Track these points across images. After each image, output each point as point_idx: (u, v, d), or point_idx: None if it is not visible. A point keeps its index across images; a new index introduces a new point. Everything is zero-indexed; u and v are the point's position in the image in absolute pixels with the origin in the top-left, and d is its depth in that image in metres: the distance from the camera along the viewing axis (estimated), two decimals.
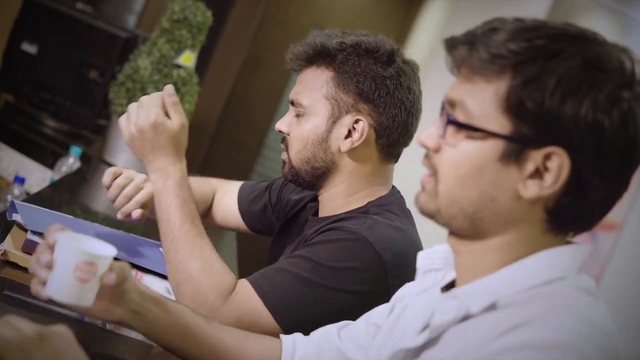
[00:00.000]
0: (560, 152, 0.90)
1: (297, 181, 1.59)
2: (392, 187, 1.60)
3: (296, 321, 1.38)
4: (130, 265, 1.52)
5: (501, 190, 0.93)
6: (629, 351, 4.02)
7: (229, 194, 1.86)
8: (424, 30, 5.42)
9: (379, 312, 1.24)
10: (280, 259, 1.55)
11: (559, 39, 0.91)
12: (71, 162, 2.64)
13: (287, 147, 1.59)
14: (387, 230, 1.46)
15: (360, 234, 1.43)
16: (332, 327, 1.31)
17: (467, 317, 0.94)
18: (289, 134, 1.58)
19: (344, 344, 1.27)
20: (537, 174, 0.91)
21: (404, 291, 1.21)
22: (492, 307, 0.92)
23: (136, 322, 1.21)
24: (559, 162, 0.90)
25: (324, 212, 1.59)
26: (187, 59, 2.95)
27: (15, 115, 3.20)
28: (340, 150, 1.53)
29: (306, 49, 1.56)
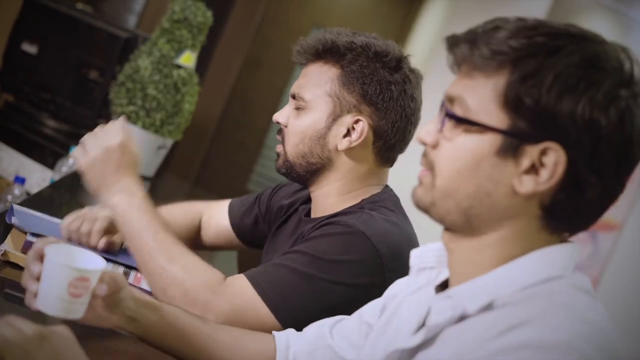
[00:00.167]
0: (556, 148, 0.90)
1: (290, 175, 1.59)
2: (386, 186, 1.61)
3: (293, 313, 1.38)
4: (130, 267, 1.53)
5: (497, 185, 0.93)
6: (629, 351, 4.02)
7: (218, 213, 1.85)
8: (424, 30, 5.42)
9: (371, 310, 1.24)
10: (275, 257, 1.55)
11: (559, 37, 0.92)
12: (71, 163, 2.64)
13: (283, 140, 1.59)
14: (383, 224, 1.47)
15: (356, 228, 1.43)
16: (325, 324, 1.31)
17: (463, 317, 0.94)
18: (286, 125, 1.58)
19: (336, 342, 1.27)
20: (533, 170, 0.92)
21: (396, 289, 1.20)
22: (489, 306, 0.92)
23: (132, 328, 1.22)
24: (555, 158, 0.90)
25: (317, 211, 1.59)
26: (188, 59, 2.95)
27: (15, 115, 3.20)
28: (337, 148, 1.54)
29: (316, 43, 1.56)
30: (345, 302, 1.39)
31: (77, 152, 1.48)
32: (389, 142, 1.55)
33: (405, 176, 1.80)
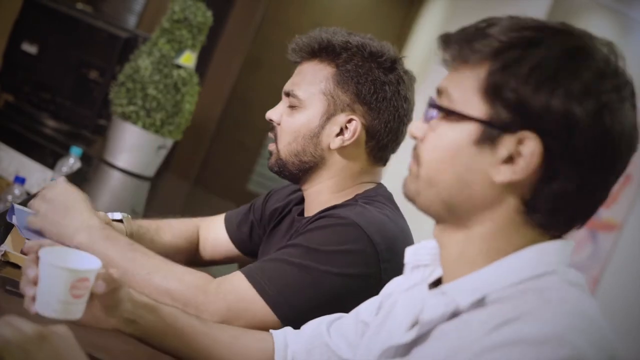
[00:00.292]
0: (532, 138, 0.91)
1: (282, 173, 1.60)
2: (379, 183, 1.61)
3: (290, 306, 1.38)
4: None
5: (475, 174, 0.94)
6: (629, 351, 4.03)
7: (215, 226, 1.84)
8: (424, 30, 5.42)
9: (367, 308, 1.25)
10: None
11: (542, 30, 0.93)
12: (71, 163, 2.64)
13: (275, 138, 1.60)
14: (378, 215, 1.47)
15: (351, 219, 1.44)
16: (323, 322, 1.31)
17: (456, 314, 0.94)
18: (279, 123, 1.59)
19: (333, 340, 1.28)
20: (510, 160, 0.92)
21: (392, 287, 1.21)
22: (482, 302, 0.92)
23: (131, 330, 1.22)
24: (532, 148, 0.91)
25: (310, 210, 1.60)
26: (188, 59, 2.95)
27: (15, 115, 3.20)
28: (330, 147, 1.55)
29: (311, 42, 1.57)
30: (342, 293, 1.40)
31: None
32: (381, 142, 1.56)
33: (403, 175, 1.80)
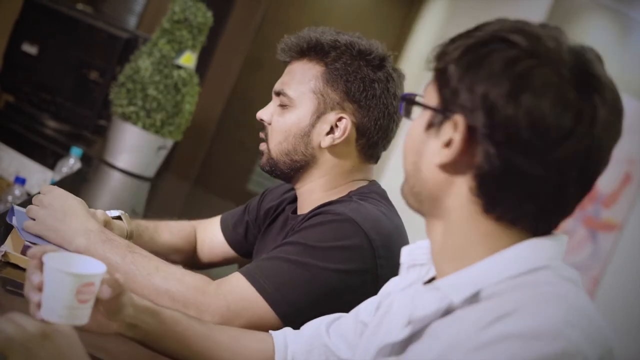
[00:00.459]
0: (459, 120, 0.94)
1: (274, 172, 1.61)
2: (372, 180, 1.62)
3: (290, 303, 1.39)
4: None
5: (423, 159, 0.99)
6: (629, 350, 4.02)
7: (211, 228, 1.85)
8: (424, 30, 5.42)
9: (366, 308, 1.26)
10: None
11: (486, 24, 0.97)
12: (72, 163, 2.64)
13: (266, 137, 1.61)
14: (373, 211, 1.48)
15: (346, 215, 1.44)
16: (322, 322, 1.32)
17: (450, 310, 0.95)
18: (270, 123, 1.60)
19: (333, 341, 1.28)
20: (449, 144, 0.96)
21: (390, 287, 1.22)
22: (476, 298, 0.93)
23: (133, 334, 1.23)
24: (461, 130, 0.94)
25: (302, 208, 1.60)
26: (188, 60, 2.95)
27: (15, 115, 3.20)
28: (320, 145, 1.56)
29: (300, 41, 1.59)
30: (340, 289, 1.40)
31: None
32: (371, 140, 1.57)
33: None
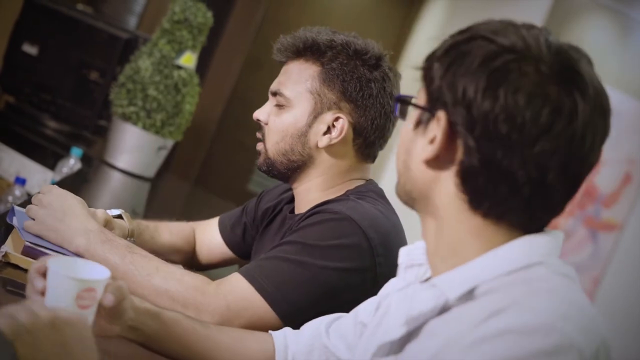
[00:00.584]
0: (441, 116, 0.95)
1: (271, 172, 1.61)
2: (369, 180, 1.62)
3: (289, 303, 1.39)
4: None
5: (412, 158, 1.00)
6: (629, 350, 4.02)
7: (210, 229, 1.85)
8: (424, 30, 5.42)
9: (366, 308, 1.26)
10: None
11: (473, 25, 0.98)
12: (72, 163, 2.65)
13: (263, 137, 1.61)
14: (370, 210, 1.48)
15: (344, 213, 1.45)
16: (322, 323, 1.32)
17: (446, 308, 0.95)
18: (267, 123, 1.60)
19: (332, 341, 1.29)
20: (434, 140, 0.97)
21: (389, 288, 1.22)
22: (471, 295, 0.93)
23: (134, 336, 1.22)
24: (442, 125, 0.95)
25: (300, 207, 1.60)
26: (188, 60, 2.95)
27: (16, 116, 3.20)
28: (317, 145, 1.56)
29: (296, 41, 1.59)
30: (339, 287, 1.41)
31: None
32: (368, 139, 1.57)
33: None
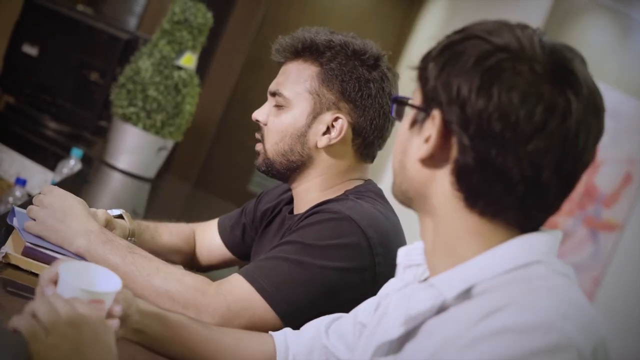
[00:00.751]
0: (436, 116, 0.95)
1: (270, 172, 1.61)
2: (368, 180, 1.62)
3: (289, 303, 1.39)
4: None
5: (408, 157, 1.00)
6: (629, 350, 4.02)
7: (209, 231, 1.85)
8: (424, 30, 5.43)
9: (365, 309, 1.26)
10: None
11: (468, 26, 0.98)
12: (72, 164, 2.65)
13: (262, 138, 1.61)
14: (369, 209, 1.48)
15: (343, 213, 1.45)
16: (322, 323, 1.33)
17: (444, 307, 0.95)
18: (266, 124, 1.60)
19: (332, 342, 1.29)
20: (429, 139, 0.97)
21: (388, 288, 1.22)
22: (468, 294, 0.93)
23: (138, 339, 1.23)
24: (437, 123, 0.96)
25: (299, 208, 1.60)
26: (188, 61, 2.95)
27: (16, 117, 3.20)
28: (317, 145, 1.56)
29: (294, 42, 1.59)
30: (339, 287, 1.41)
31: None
32: (367, 139, 1.58)
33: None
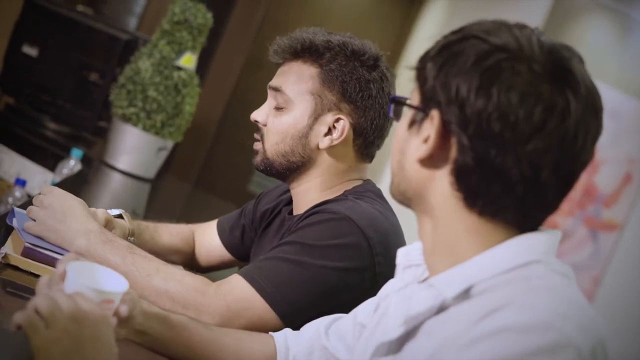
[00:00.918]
0: (435, 116, 0.95)
1: (269, 172, 1.61)
2: (367, 180, 1.62)
3: (289, 303, 1.39)
4: None
5: (406, 157, 1.00)
6: (629, 350, 4.02)
7: (208, 232, 1.85)
8: (424, 30, 5.42)
9: (365, 309, 1.26)
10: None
11: (465, 26, 0.98)
12: (72, 165, 2.65)
13: (262, 138, 1.60)
14: (369, 209, 1.48)
15: (342, 213, 1.45)
16: (322, 324, 1.33)
17: (444, 307, 0.95)
18: (265, 124, 1.60)
19: (332, 343, 1.29)
20: (428, 139, 0.97)
21: (388, 289, 1.22)
22: (468, 294, 0.93)
23: (140, 340, 1.23)
24: (435, 124, 0.95)
25: (298, 208, 1.60)
26: (188, 61, 2.95)
27: (16, 117, 3.20)
28: (318, 147, 1.56)
29: (293, 43, 1.58)
30: (339, 287, 1.41)
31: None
32: (368, 140, 1.58)
33: None
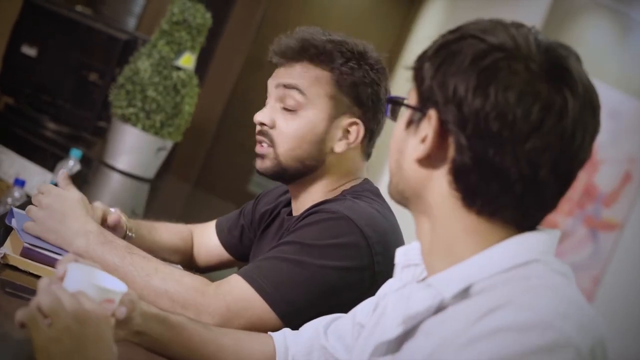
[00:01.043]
0: (433, 115, 0.95)
1: (281, 177, 1.58)
2: (365, 179, 1.62)
3: (288, 302, 1.39)
4: None
5: (404, 157, 1.00)
6: (629, 350, 4.02)
7: (207, 231, 1.84)
8: (424, 30, 5.42)
9: (363, 309, 1.26)
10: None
11: (462, 25, 0.98)
12: (71, 165, 2.64)
13: (271, 142, 1.55)
14: (367, 209, 1.48)
15: (341, 213, 1.44)
16: (321, 324, 1.32)
17: (442, 307, 0.95)
18: (272, 127, 1.55)
19: (330, 343, 1.29)
20: (425, 139, 0.97)
21: (387, 288, 1.22)
22: (466, 294, 0.93)
23: (139, 340, 1.23)
24: (433, 123, 0.95)
25: (299, 209, 1.59)
26: (187, 61, 2.95)
27: (15, 118, 3.20)
28: (333, 150, 1.54)
29: (298, 43, 1.55)
30: (338, 286, 1.41)
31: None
32: (373, 141, 1.59)
33: None
